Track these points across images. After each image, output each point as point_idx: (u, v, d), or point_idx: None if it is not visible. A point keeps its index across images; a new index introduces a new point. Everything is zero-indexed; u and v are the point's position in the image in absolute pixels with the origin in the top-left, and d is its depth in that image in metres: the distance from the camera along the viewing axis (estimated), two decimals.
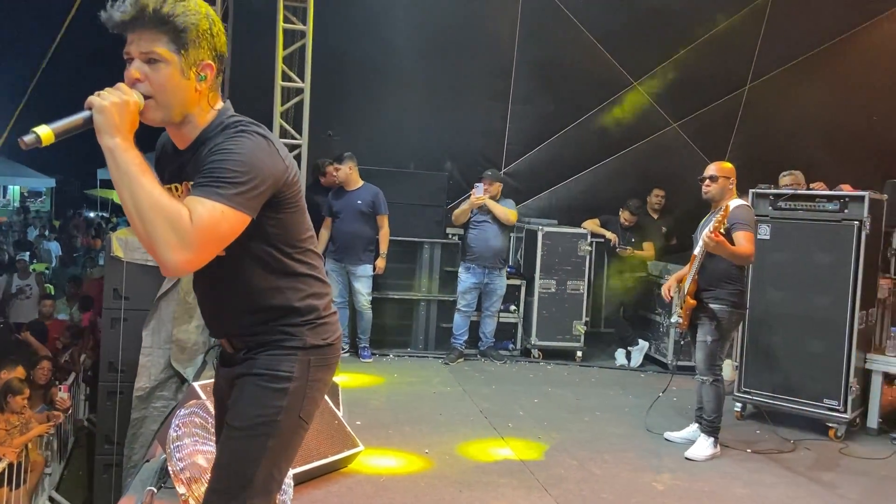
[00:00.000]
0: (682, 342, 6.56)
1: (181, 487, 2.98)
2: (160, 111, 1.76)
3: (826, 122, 8.05)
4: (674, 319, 4.81)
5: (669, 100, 7.96)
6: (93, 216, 25.18)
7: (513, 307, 7.28)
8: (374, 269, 6.54)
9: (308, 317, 1.94)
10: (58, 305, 9.78)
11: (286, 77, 6.73)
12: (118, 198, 1.66)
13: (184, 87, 1.76)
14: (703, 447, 4.49)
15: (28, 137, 1.61)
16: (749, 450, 4.69)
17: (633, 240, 7.35)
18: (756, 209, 5.03)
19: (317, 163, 7.05)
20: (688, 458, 4.44)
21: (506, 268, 6.95)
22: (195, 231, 1.61)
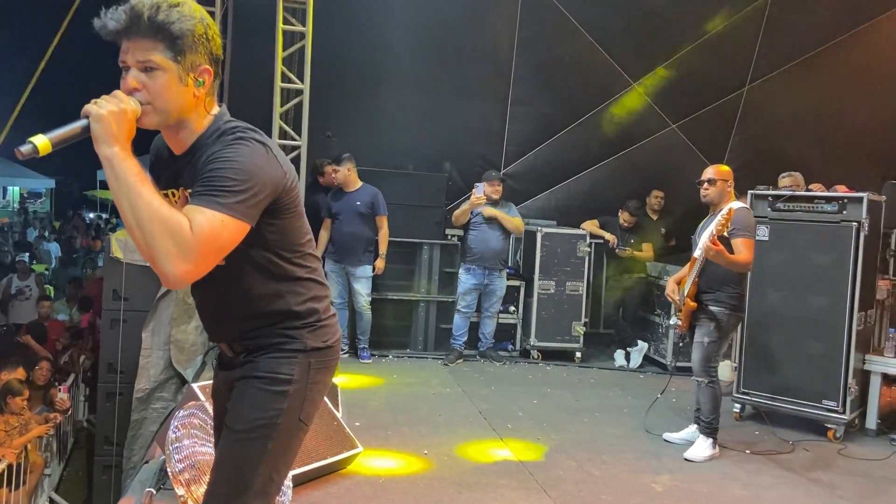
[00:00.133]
0: (682, 344, 6.57)
1: (180, 489, 2.99)
2: (157, 116, 1.74)
3: (825, 123, 8.06)
4: (672, 321, 4.82)
5: (668, 101, 7.96)
6: (92, 217, 25.17)
7: (512, 308, 7.28)
8: (374, 270, 6.54)
9: (308, 320, 1.93)
10: (57, 306, 9.78)
11: (285, 78, 6.74)
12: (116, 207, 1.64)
13: (182, 94, 1.74)
14: (702, 448, 4.49)
15: (25, 147, 1.58)
16: (748, 451, 4.70)
17: (632, 241, 7.36)
18: (755, 210, 5.04)
19: (315, 163, 7.06)
20: (686, 459, 4.44)
21: (506, 269, 6.96)
22: (196, 241, 1.59)
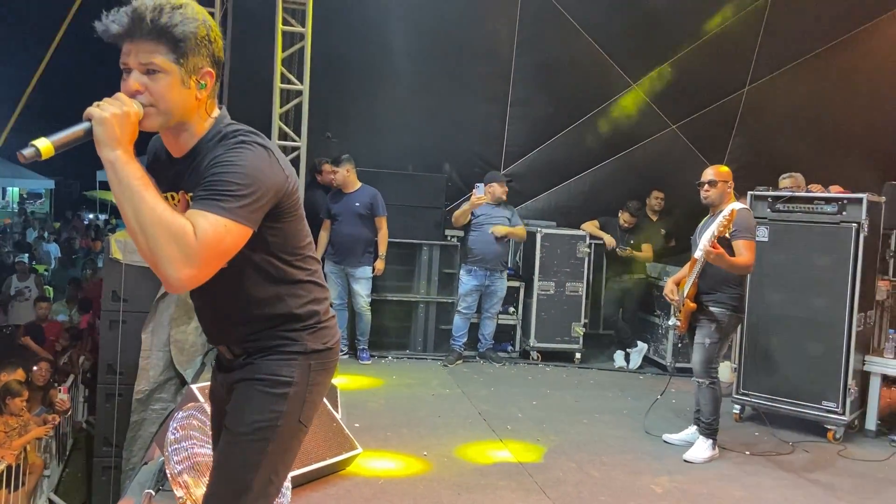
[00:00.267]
0: (681, 345, 6.58)
1: (179, 490, 2.99)
2: (159, 118, 1.73)
3: (825, 124, 8.06)
4: (672, 322, 4.81)
5: (668, 101, 7.95)
6: (91, 217, 25.16)
7: (511, 309, 7.27)
8: (373, 271, 6.54)
9: (308, 322, 1.93)
10: (57, 307, 9.78)
11: (285, 79, 6.75)
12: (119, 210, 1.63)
13: (185, 97, 1.73)
14: (702, 449, 4.49)
15: (27, 151, 1.57)
16: (748, 452, 4.70)
17: (632, 241, 7.36)
18: (754, 211, 5.03)
19: (313, 161, 7.06)
20: (686, 461, 4.44)
21: (506, 270, 6.95)
22: (200, 246, 1.59)
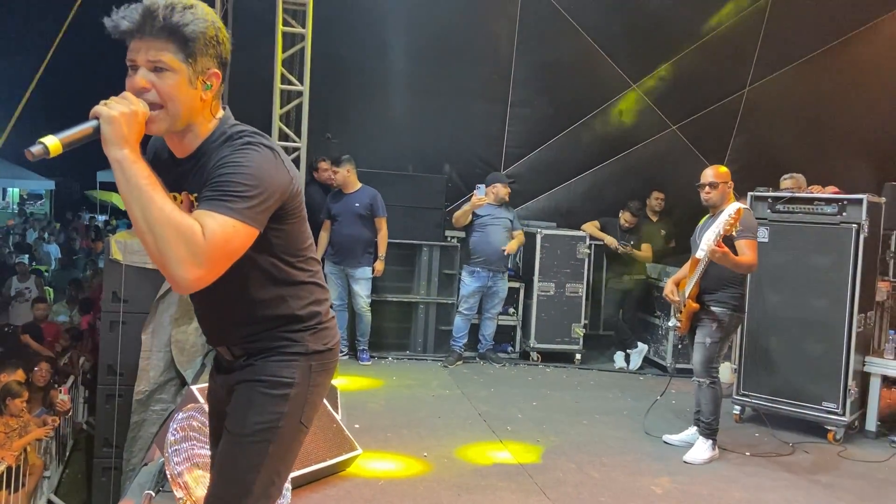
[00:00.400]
0: (681, 346, 6.57)
1: (179, 491, 2.99)
2: (166, 121, 1.72)
3: (825, 125, 8.06)
4: (671, 323, 4.80)
5: (669, 102, 7.96)
6: (91, 218, 25.15)
7: (511, 310, 7.27)
8: (373, 272, 6.53)
9: (309, 323, 1.93)
10: (57, 308, 9.78)
11: (285, 80, 6.75)
12: (124, 206, 1.61)
13: (190, 97, 1.73)
14: (702, 450, 4.49)
15: (35, 148, 1.55)
16: (748, 453, 4.70)
17: (632, 242, 7.36)
18: (754, 212, 5.03)
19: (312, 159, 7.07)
20: (686, 462, 4.44)
21: (507, 271, 6.95)
22: (208, 246, 1.58)
